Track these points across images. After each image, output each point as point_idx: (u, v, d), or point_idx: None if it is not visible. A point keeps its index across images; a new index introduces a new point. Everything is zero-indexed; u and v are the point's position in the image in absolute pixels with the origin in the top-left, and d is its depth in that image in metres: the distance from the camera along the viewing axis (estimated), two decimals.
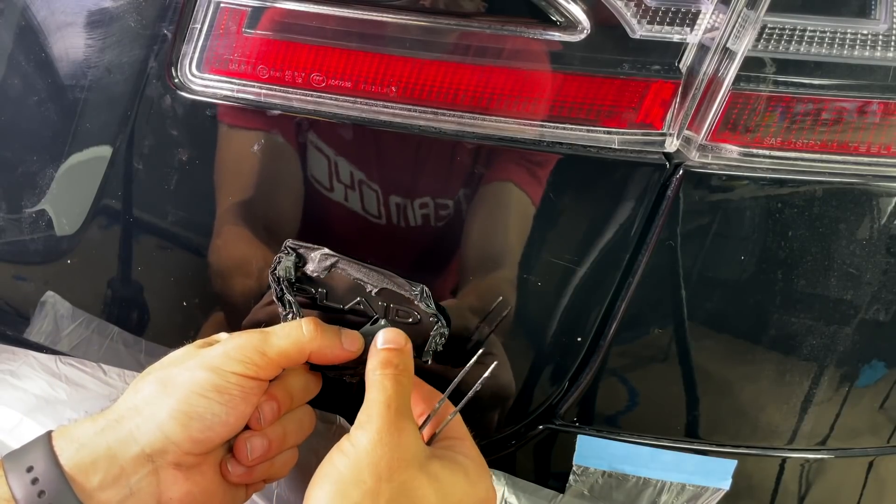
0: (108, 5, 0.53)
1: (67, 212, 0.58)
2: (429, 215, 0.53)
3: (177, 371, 0.48)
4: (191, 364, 0.48)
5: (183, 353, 0.50)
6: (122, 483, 0.44)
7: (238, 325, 0.59)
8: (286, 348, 0.49)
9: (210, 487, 0.49)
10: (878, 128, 0.49)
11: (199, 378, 0.47)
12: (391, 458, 0.45)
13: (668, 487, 0.60)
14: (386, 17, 0.48)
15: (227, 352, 0.48)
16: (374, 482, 0.45)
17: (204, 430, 0.46)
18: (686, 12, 0.46)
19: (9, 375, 0.68)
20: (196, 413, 0.46)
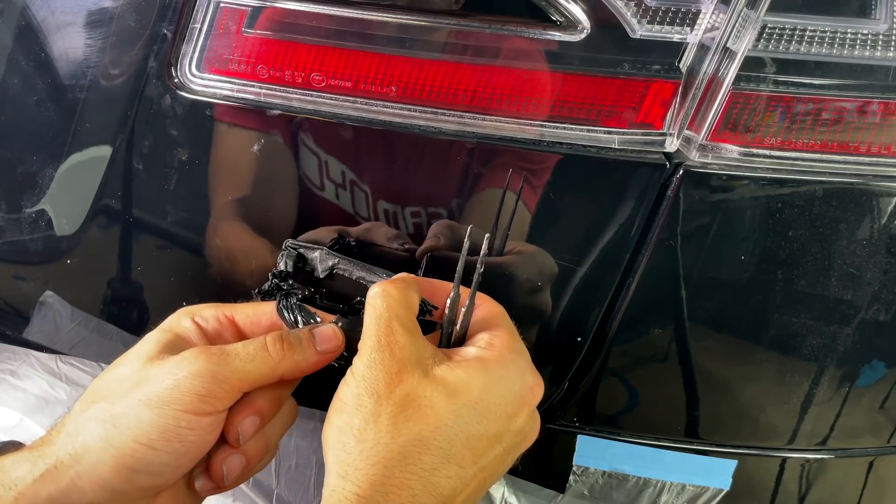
0: (108, 5, 0.53)
1: (67, 212, 0.58)
2: (437, 216, 0.53)
3: (120, 409, 0.42)
4: (136, 399, 0.42)
5: (131, 372, 0.44)
6: None
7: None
8: (251, 373, 0.44)
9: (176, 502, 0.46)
10: (879, 128, 0.49)
11: (145, 422, 0.41)
12: (388, 373, 0.42)
13: (668, 487, 0.60)
14: (386, 17, 0.48)
15: (179, 384, 0.42)
16: (373, 403, 0.41)
17: (153, 479, 0.42)
18: (686, 12, 0.46)
19: (9, 375, 0.68)
20: (141, 466, 0.41)
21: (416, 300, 0.46)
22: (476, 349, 0.45)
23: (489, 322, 0.47)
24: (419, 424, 0.40)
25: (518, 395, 0.44)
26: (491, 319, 0.47)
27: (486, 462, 0.42)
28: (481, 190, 0.52)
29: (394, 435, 0.40)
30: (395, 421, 0.40)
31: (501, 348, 0.44)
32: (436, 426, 0.41)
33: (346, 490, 0.39)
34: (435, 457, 0.40)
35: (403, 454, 0.40)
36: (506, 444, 0.44)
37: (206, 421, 0.43)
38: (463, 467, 0.41)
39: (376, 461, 0.39)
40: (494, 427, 0.43)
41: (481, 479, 0.42)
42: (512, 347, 0.45)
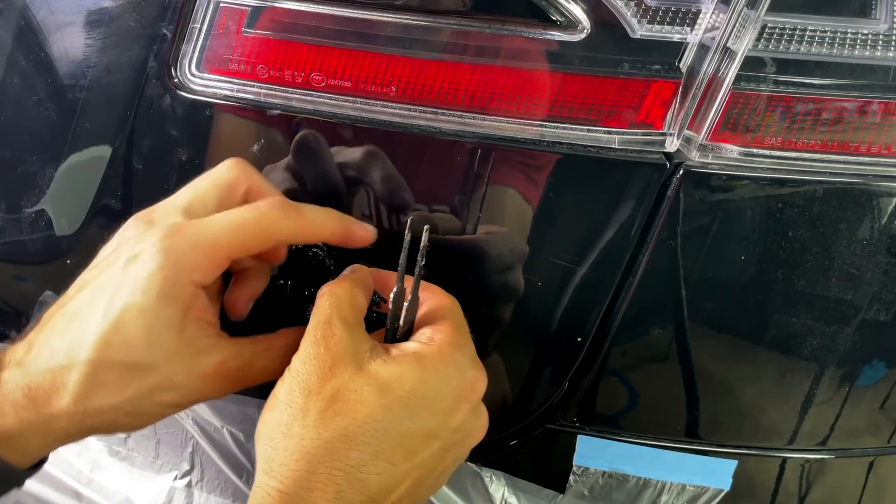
0: (108, 5, 0.53)
1: (67, 212, 0.58)
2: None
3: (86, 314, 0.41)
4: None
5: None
6: None
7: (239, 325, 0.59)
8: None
9: None
10: (879, 128, 0.49)
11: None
12: (321, 368, 0.41)
13: (668, 488, 0.60)
14: (386, 17, 0.48)
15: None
16: (303, 398, 0.40)
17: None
18: (686, 12, 0.46)
19: None
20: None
21: (361, 296, 0.46)
22: (416, 343, 0.44)
23: (435, 315, 0.46)
24: (347, 419, 0.39)
25: (455, 390, 0.43)
26: (437, 313, 0.46)
27: (420, 460, 0.41)
28: (486, 185, 0.52)
29: (320, 430, 0.39)
30: (322, 416, 0.40)
31: (441, 343, 0.43)
32: (364, 421, 0.40)
33: (269, 486, 0.39)
34: (362, 452, 0.39)
35: (329, 449, 0.39)
36: (443, 441, 0.42)
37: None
38: (393, 464, 0.40)
39: (300, 456, 0.39)
40: (429, 423, 0.41)
41: (416, 477, 0.41)
42: (453, 342, 0.44)
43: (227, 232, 0.43)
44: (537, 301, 0.54)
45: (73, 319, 0.41)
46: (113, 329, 0.40)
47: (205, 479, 0.67)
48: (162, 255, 0.41)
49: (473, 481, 0.61)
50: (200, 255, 0.42)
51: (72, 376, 0.40)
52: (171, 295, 0.41)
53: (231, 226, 0.43)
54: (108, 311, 0.40)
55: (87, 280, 0.43)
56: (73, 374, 0.40)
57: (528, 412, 0.59)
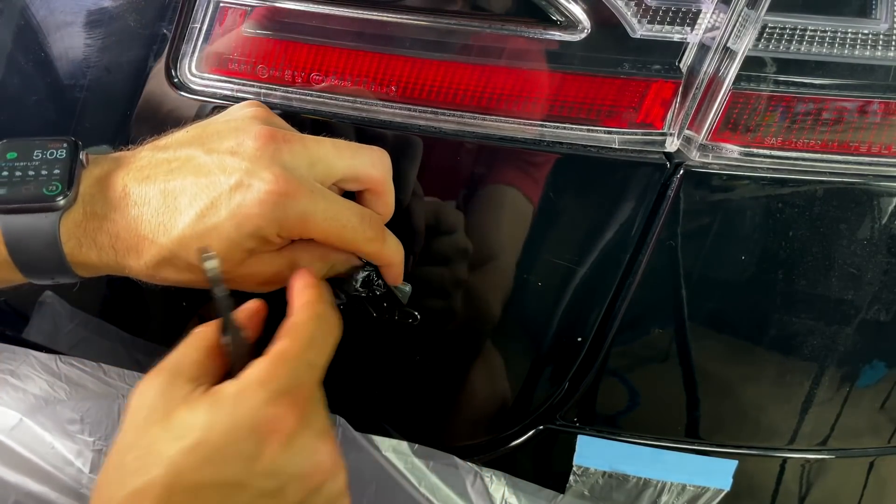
0: (107, 5, 0.53)
1: None
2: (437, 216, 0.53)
3: None
4: None
5: None
6: None
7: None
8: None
9: None
10: (879, 127, 0.49)
11: None
12: (132, 423, 0.39)
13: (668, 488, 0.60)
14: (386, 17, 0.48)
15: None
16: (117, 455, 0.39)
17: None
18: (686, 12, 0.46)
19: (9, 375, 0.68)
20: None
21: (190, 353, 0.43)
22: (224, 386, 0.39)
23: (275, 338, 0.43)
24: (141, 477, 0.37)
25: (251, 431, 0.37)
26: (279, 333, 0.43)
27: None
28: (487, 184, 0.52)
29: (114, 491, 0.37)
30: (125, 473, 0.37)
31: (246, 378, 0.39)
32: (153, 479, 0.36)
33: None
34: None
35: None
36: (254, 489, 0.37)
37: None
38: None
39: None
40: (226, 473, 0.37)
41: None
42: (260, 376, 0.39)
43: (330, 226, 0.44)
44: (537, 301, 0.54)
45: (168, 200, 0.43)
46: (196, 236, 0.42)
47: None
48: (266, 209, 0.41)
49: (473, 481, 0.61)
50: (297, 224, 0.43)
51: (151, 251, 0.43)
52: (259, 237, 0.43)
53: (336, 222, 0.44)
54: (200, 221, 0.42)
55: (196, 165, 0.43)
56: (152, 250, 0.43)
57: (528, 412, 0.59)
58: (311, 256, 0.46)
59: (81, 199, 0.43)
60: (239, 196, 0.41)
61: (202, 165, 0.43)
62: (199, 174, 0.43)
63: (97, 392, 0.64)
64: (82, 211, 0.43)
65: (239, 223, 0.42)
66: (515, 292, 0.54)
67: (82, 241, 0.43)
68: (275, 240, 0.43)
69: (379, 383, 0.59)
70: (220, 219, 0.42)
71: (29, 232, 0.42)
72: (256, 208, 0.41)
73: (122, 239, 0.43)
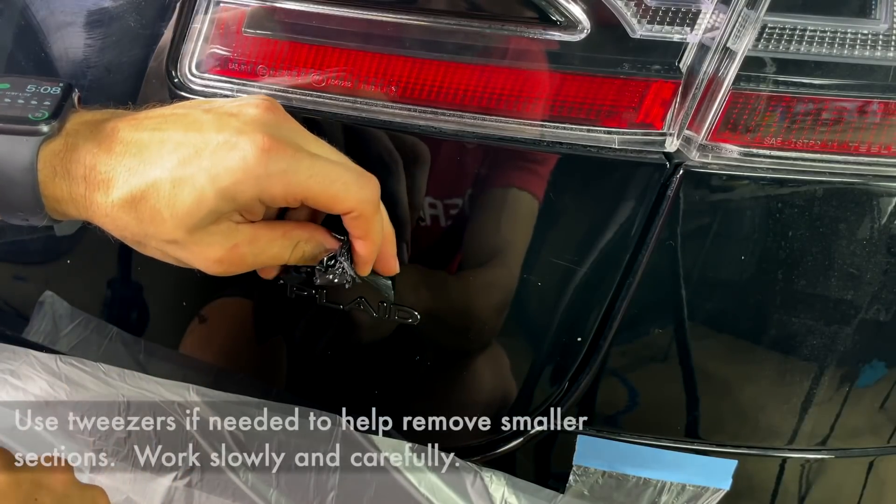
0: (108, 5, 0.53)
1: None
2: (437, 216, 0.53)
3: None
4: None
5: None
6: None
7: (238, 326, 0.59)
8: None
9: None
10: (879, 128, 0.49)
11: None
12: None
13: (668, 488, 0.60)
14: (386, 17, 0.48)
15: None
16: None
17: None
18: (686, 12, 0.46)
19: (9, 375, 0.68)
20: None
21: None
22: None
23: None
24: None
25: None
26: None
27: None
28: (490, 185, 0.52)
29: None
30: None
31: None
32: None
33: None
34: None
35: None
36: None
37: None
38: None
39: None
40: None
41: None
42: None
43: (315, 183, 0.42)
44: (537, 301, 0.54)
45: (152, 146, 0.42)
46: (169, 180, 0.41)
47: (205, 479, 0.67)
48: (248, 165, 0.41)
49: (473, 481, 0.61)
50: (279, 182, 0.42)
51: (121, 189, 0.42)
52: (231, 198, 0.41)
53: (324, 178, 0.43)
54: (177, 167, 0.41)
55: (191, 120, 0.43)
56: (123, 188, 0.41)
57: (528, 412, 0.59)
58: (273, 233, 0.45)
59: (66, 133, 0.43)
60: (223, 152, 0.41)
61: (197, 121, 0.43)
62: (191, 128, 0.42)
63: (97, 392, 0.64)
64: (64, 142, 0.42)
65: (215, 176, 0.41)
66: (515, 292, 0.54)
67: (57, 170, 0.42)
68: (253, 206, 0.43)
69: (379, 383, 0.59)
70: (197, 169, 0.41)
71: (6, 154, 0.41)
72: (238, 163, 0.41)
73: (97, 172, 0.42)
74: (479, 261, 0.54)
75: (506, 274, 0.53)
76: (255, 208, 0.43)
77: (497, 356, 0.57)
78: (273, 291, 0.55)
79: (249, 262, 0.45)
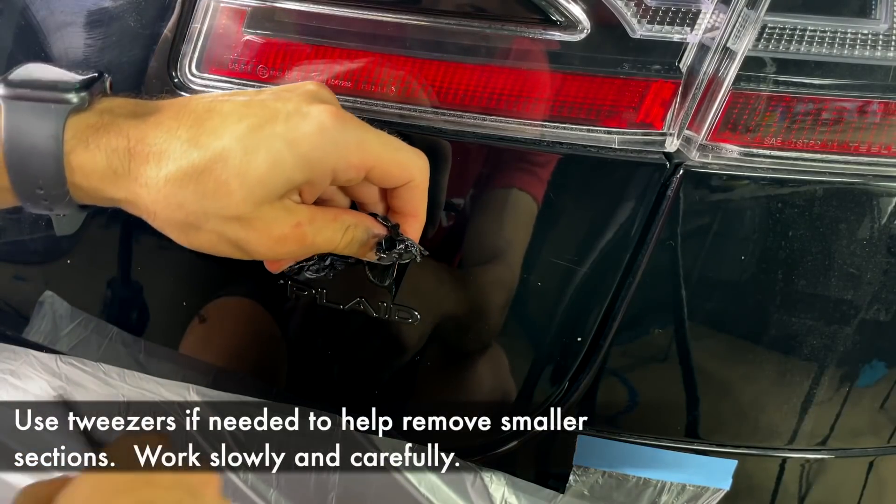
0: (108, 5, 0.53)
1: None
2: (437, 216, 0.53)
3: None
4: None
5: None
6: None
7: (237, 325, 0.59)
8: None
9: None
10: (879, 128, 0.49)
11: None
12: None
13: (668, 488, 0.60)
14: (386, 17, 0.48)
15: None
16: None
17: None
18: (686, 12, 0.46)
19: (9, 375, 0.68)
20: None
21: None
22: None
23: None
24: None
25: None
26: None
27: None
28: (490, 186, 0.52)
29: None
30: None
31: None
32: None
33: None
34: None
35: None
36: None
37: None
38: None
39: None
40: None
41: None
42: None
43: (386, 151, 0.42)
44: (537, 301, 0.54)
45: (214, 115, 0.40)
46: (243, 149, 0.38)
47: None
48: (326, 130, 0.40)
49: (473, 481, 0.61)
50: (356, 150, 0.41)
51: (179, 160, 0.38)
52: (309, 167, 0.40)
53: (392, 146, 0.43)
54: (250, 134, 0.39)
55: (247, 97, 0.42)
56: (181, 160, 0.38)
57: (528, 412, 0.59)
58: (326, 215, 0.44)
59: (100, 110, 0.40)
60: (296, 119, 0.39)
61: (255, 97, 0.41)
62: (252, 103, 0.40)
63: (97, 392, 0.64)
64: (99, 118, 0.40)
65: (293, 140, 0.39)
66: (515, 292, 0.54)
67: (90, 142, 0.39)
68: (323, 178, 0.41)
69: (379, 383, 0.59)
70: (271, 135, 0.38)
71: (32, 121, 0.38)
72: (315, 128, 0.39)
73: (147, 144, 0.39)
74: (479, 261, 0.54)
75: (506, 274, 0.53)
76: (321, 183, 0.41)
77: (497, 356, 0.57)
78: (273, 291, 0.55)
79: (308, 243, 0.43)
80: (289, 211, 0.41)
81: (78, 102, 0.39)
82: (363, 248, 0.46)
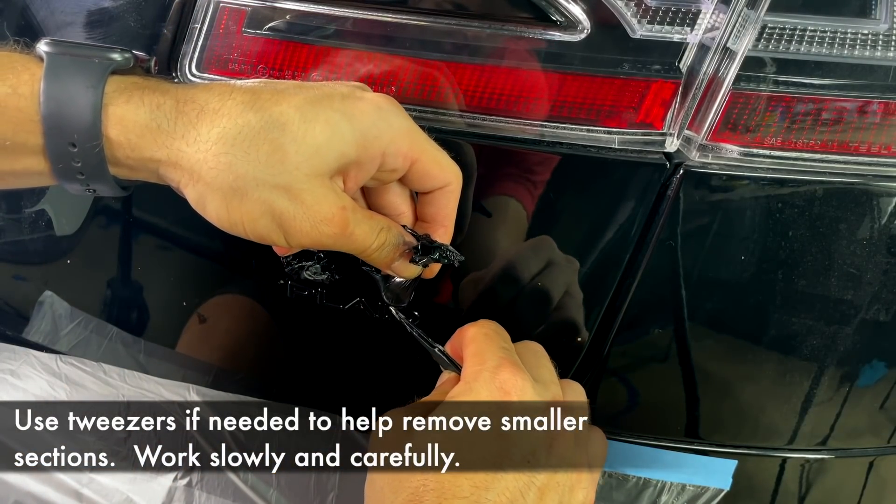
0: (108, 5, 0.53)
1: (67, 212, 0.58)
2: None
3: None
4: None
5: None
6: None
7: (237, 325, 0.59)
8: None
9: None
10: (879, 128, 0.49)
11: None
12: None
13: (668, 488, 0.60)
14: (386, 17, 0.48)
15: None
16: None
17: None
18: (686, 12, 0.46)
19: (9, 375, 0.68)
20: None
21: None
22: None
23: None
24: None
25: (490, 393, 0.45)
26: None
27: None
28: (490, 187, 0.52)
29: None
30: None
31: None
32: None
33: None
34: None
35: None
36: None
37: None
38: None
39: None
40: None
41: None
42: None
43: (429, 147, 0.43)
44: (538, 301, 0.54)
45: (270, 91, 0.39)
46: (302, 118, 0.38)
47: (205, 479, 0.67)
48: (381, 110, 0.41)
49: None
50: (405, 138, 0.42)
51: (237, 120, 0.38)
52: (364, 145, 0.40)
53: (433, 146, 0.44)
54: (309, 104, 0.39)
55: (300, 83, 0.42)
56: (239, 120, 0.38)
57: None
58: (364, 211, 0.44)
59: (145, 78, 0.40)
60: (353, 100, 0.40)
61: (308, 83, 0.42)
62: (306, 84, 0.41)
63: (97, 392, 0.64)
64: (144, 80, 0.39)
65: (352, 116, 0.39)
66: (515, 292, 0.54)
67: (133, 95, 0.38)
68: (372, 162, 0.41)
69: (379, 383, 0.59)
70: (330, 108, 0.39)
71: (72, 73, 0.37)
72: (372, 108, 0.40)
73: (199, 103, 0.38)
74: (480, 261, 0.54)
75: (506, 274, 0.53)
76: (370, 165, 0.41)
77: None
78: (272, 291, 0.55)
79: (349, 232, 0.41)
80: (336, 193, 0.40)
81: (122, 61, 0.38)
82: (392, 253, 0.45)
